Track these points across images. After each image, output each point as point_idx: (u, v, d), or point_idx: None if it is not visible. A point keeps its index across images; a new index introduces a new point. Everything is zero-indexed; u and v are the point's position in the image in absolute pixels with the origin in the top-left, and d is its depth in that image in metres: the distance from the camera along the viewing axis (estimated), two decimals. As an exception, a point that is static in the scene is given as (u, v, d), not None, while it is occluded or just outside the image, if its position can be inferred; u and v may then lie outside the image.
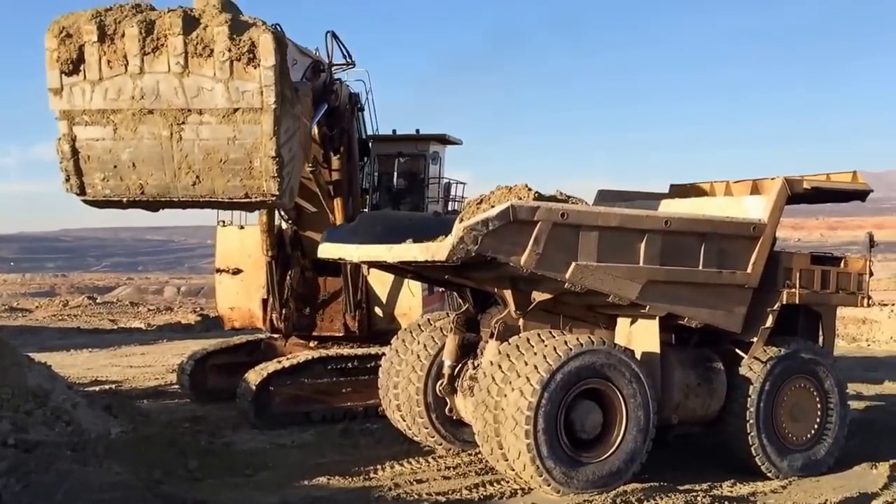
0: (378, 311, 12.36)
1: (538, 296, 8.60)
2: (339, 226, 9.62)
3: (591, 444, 8.29)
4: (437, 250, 7.73)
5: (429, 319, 10.08)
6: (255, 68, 8.01)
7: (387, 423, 10.35)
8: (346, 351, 11.98)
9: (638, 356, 8.61)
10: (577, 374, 8.09)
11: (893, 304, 27.95)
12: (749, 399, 8.99)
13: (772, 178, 9.21)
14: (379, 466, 9.14)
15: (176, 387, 13.66)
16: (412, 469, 9.17)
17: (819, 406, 9.41)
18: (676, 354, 9.07)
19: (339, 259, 9.68)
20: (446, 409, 9.51)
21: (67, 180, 8.36)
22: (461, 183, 16.88)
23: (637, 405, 8.33)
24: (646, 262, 8.31)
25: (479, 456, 9.10)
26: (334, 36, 11.45)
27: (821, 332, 9.83)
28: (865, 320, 25.53)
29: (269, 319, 12.43)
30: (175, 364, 14.78)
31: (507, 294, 8.71)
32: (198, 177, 8.25)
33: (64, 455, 7.82)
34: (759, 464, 9.06)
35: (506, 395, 8.00)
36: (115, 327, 25.47)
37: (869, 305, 10.02)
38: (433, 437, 9.68)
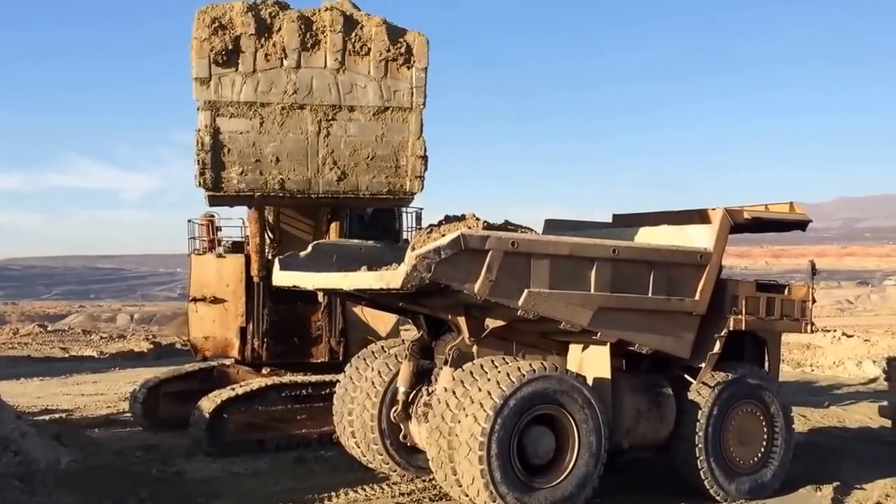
0: (358, 336, 12.37)
1: (491, 323, 8.71)
2: (292, 254, 9.68)
3: (544, 470, 8.36)
4: (391, 278, 7.82)
5: (383, 346, 10.14)
6: (408, 69, 8.37)
7: (341, 450, 10.35)
8: (300, 378, 11.94)
9: (590, 382, 8.74)
10: (530, 400, 8.18)
11: (836, 331, 28.58)
12: (697, 423, 9.15)
13: (712, 209, 9.44)
14: (333, 493, 9.13)
15: (128, 415, 13.52)
16: (366, 496, 9.19)
17: (765, 430, 9.60)
18: (627, 380, 9.22)
19: (294, 287, 9.71)
20: (401, 436, 9.55)
21: (202, 173, 8.30)
22: (419, 209, 16.94)
23: (589, 430, 8.44)
24: (597, 290, 8.46)
25: (434, 482, 9.14)
26: None
27: (766, 358, 10.03)
28: (809, 346, 26.07)
29: (249, 348, 12.24)
30: (127, 392, 14.64)
31: (461, 321, 8.81)
32: (343, 172, 8.44)
33: (12, 485, 7.73)
34: (708, 487, 9.20)
35: (460, 422, 8.07)
36: (67, 355, 25.05)
37: (812, 331, 10.25)
38: (387, 463, 9.70)
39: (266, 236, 11.88)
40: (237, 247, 12.90)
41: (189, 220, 13.51)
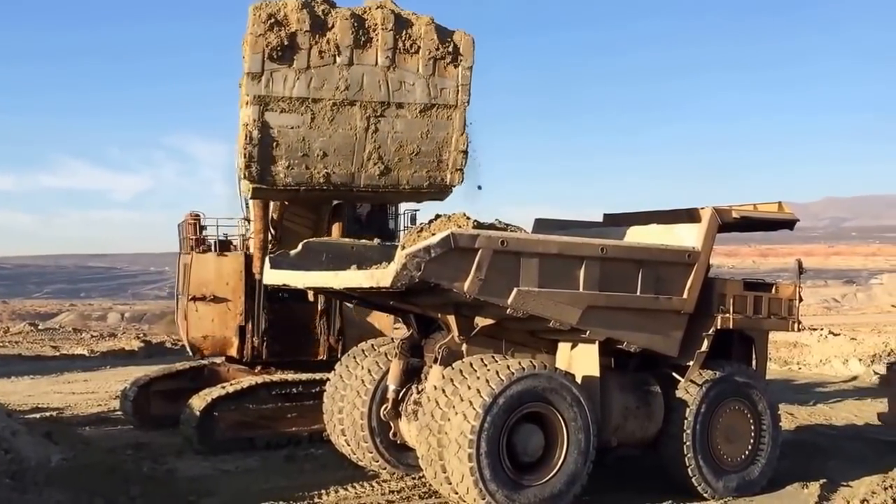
0: (355, 334, 12.39)
1: (481, 321, 8.75)
2: (283, 252, 9.71)
3: (533, 467, 8.41)
4: (381, 277, 7.85)
5: (373, 345, 10.17)
6: (455, 67, 8.57)
7: (331, 448, 10.38)
8: (290, 376, 11.97)
9: (578, 380, 8.79)
10: (520, 398, 8.23)
11: (823, 329, 28.74)
12: (686, 421, 9.21)
13: (701, 208, 9.51)
14: (323, 491, 9.17)
15: (119, 413, 13.53)
16: (356, 494, 9.22)
17: (752, 428, 9.67)
18: (616, 378, 9.28)
19: (284, 286, 9.74)
20: (390, 434, 9.58)
21: (248, 167, 8.37)
22: (415, 210, 16.96)
23: (578, 428, 8.49)
24: (586, 289, 8.51)
25: (423, 480, 9.18)
26: None
27: (754, 356, 10.10)
28: (796, 344, 26.22)
29: (248, 347, 12.25)
30: (118, 390, 14.63)
31: (451, 319, 8.85)
32: (386, 167, 8.62)
33: (3, 483, 7.75)
34: (696, 484, 9.27)
35: (449, 419, 8.11)
36: (58, 354, 25.01)
37: (799, 330, 10.34)
38: (377, 461, 9.74)
39: (269, 234, 11.93)
40: (223, 245, 12.89)
41: (191, 221, 13.51)
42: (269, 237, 11.97)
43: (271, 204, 11.62)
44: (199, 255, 12.63)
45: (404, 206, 14.52)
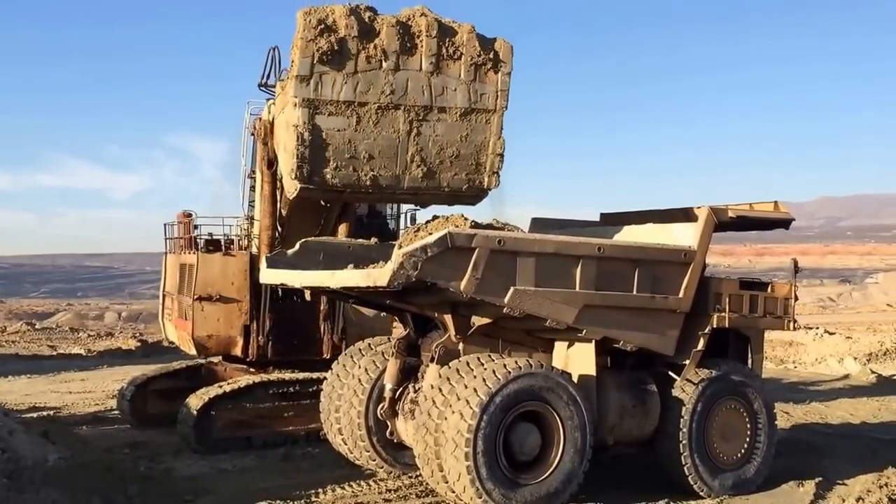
0: (356, 333, 12.40)
1: (477, 320, 8.78)
2: (280, 252, 9.72)
3: (530, 466, 8.44)
4: (378, 276, 7.87)
5: (370, 344, 10.19)
6: (495, 73, 8.88)
7: (328, 447, 10.40)
8: (287, 375, 11.98)
9: (575, 379, 8.82)
10: (516, 397, 8.26)
11: (818, 328, 28.79)
12: (682, 420, 9.24)
13: (697, 207, 9.53)
14: (320, 490, 9.18)
15: (116, 412, 13.53)
16: (353, 492, 9.24)
17: (748, 426, 9.70)
18: (612, 377, 9.30)
19: (282, 285, 9.76)
20: (387, 433, 9.60)
21: (300, 168, 8.52)
22: (415, 210, 16.95)
23: (574, 427, 8.51)
24: (582, 288, 8.54)
25: (420, 479, 9.21)
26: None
27: (750, 355, 10.12)
28: (792, 343, 26.24)
29: (254, 346, 12.24)
30: (115, 390, 14.63)
31: (447, 319, 8.87)
32: (429, 170, 8.86)
33: (0, 482, 7.74)
34: (692, 483, 9.30)
35: (446, 418, 8.14)
36: (55, 353, 24.97)
37: (795, 329, 10.35)
38: (374, 460, 9.76)
39: (276, 232, 11.95)
40: (215, 245, 12.88)
41: (183, 221, 13.51)
42: (276, 235, 12.02)
43: (280, 202, 11.74)
44: (205, 255, 12.57)
45: (405, 207, 14.59)
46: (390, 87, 8.69)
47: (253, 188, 13.51)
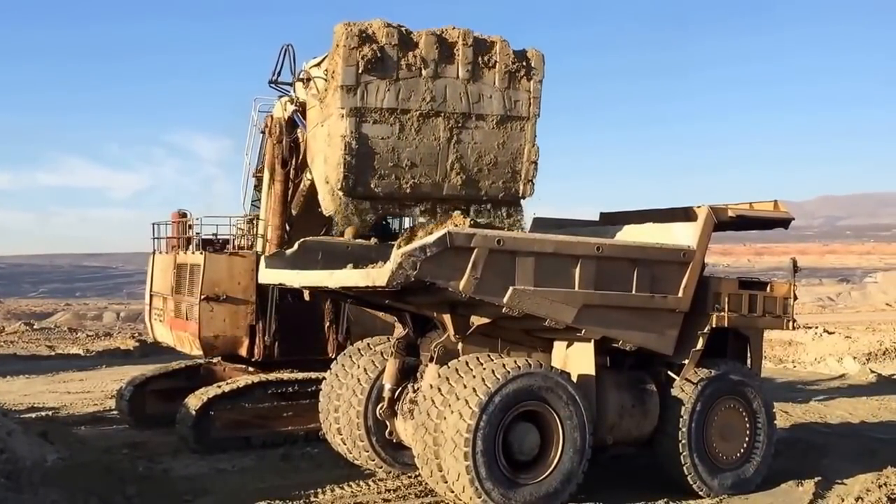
0: (358, 332, 12.39)
1: (477, 320, 8.77)
2: (278, 251, 9.70)
3: (529, 466, 8.44)
4: (377, 276, 7.86)
5: (369, 343, 10.19)
6: (528, 80, 9.09)
7: (327, 447, 10.40)
8: (286, 375, 11.97)
9: (574, 378, 8.82)
10: (515, 397, 8.26)
11: (817, 327, 28.81)
12: (681, 419, 9.24)
13: (697, 206, 9.53)
14: (319, 490, 9.18)
15: (114, 413, 13.51)
16: (353, 492, 9.23)
17: (748, 426, 9.70)
18: (611, 377, 9.30)
19: (280, 285, 9.75)
20: (386, 433, 9.60)
21: (346, 178, 8.55)
22: None
23: (573, 427, 8.51)
24: (581, 287, 8.53)
25: (419, 479, 9.20)
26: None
27: (749, 355, 10.12)
28: (791, 342, 26.25)
29: (260, 346, 12.21)
30: (114, 390, 14.62)
31: (447, 318, 8.87)
32: (468, 177, 8.96)
33: (-2, 483, 7.74)
34: (692, 483, 9.30)
35: (445, 418, 8.13)
36: (53, 353, 24.93)
37: (794, 328, 10.36)
38: (373, 460, 9.76)
39: (285, 231, 11.95)
40: (213, 244, 12.86)
41: (177, 220, 13.49)
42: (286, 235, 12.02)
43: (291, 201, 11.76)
44: (212, 255, 12.57)
45: None
46: (430, 94, 8.86)
47: (256, 187, 13.52)
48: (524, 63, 9.16)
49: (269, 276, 9.46)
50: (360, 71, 8.65)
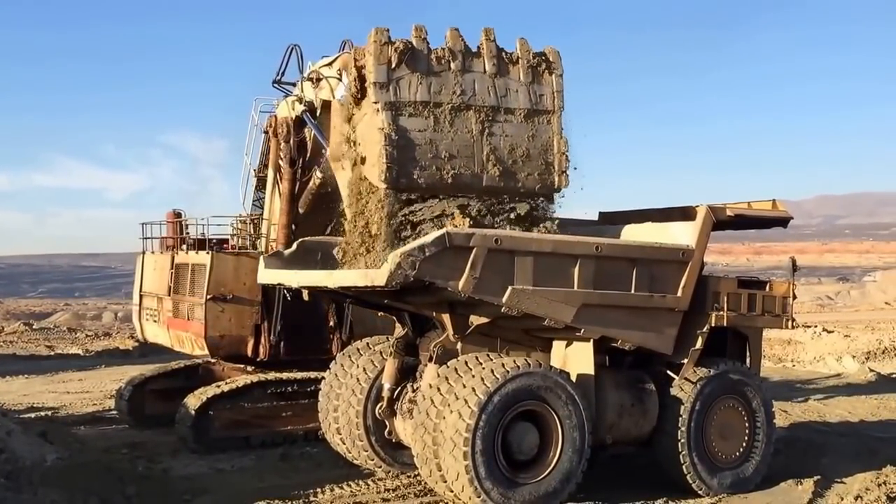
0: (362, 332, 12.38)
1: (476, 319, 8.78)
2: (277, 252, 9.69)
3: (528, 465, 8.45)
4: (376, 276, 7.86)
5: (368, 343, 10.18)
6: (549, 75, 9.31)
7: (326, 447, 10.40)
8: (285, 375, 11.97)
9: (573, 378, 8.82)
10: (514, 396, 8.26)
11: (816, 326, 28.78)
12: (680, 419, 9.24)
13: (696, 206, 9.53)
14: (319, 490, 9.19)
15: (114, 413, 13.52)
16: (352, 492, 9.24)
17: (747, 425, 9.70)
18: (610, 376, 9.30)
19: (279, 285, 9.74)
20: (385, 432, 9.60)
21: (389, 170, 8.64)
22: None
23: (573, 426, 8.51)
24: (580, 287, 8.53)
25: (419, 478, 9.20)
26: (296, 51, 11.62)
27: (748, 354, 10.14)
28: (790, 341, 26.21)
29: (265, 346, 12.23)
30: (113, 390, 14.62)
31: (446, 318, 8.87)
32: (504, 169, 9.05)
33: (-2, 483, 7.74)
34: (691, 482, 9.30)
35: (444, 418, 8.14)
36: (52, 353, 24.93)
37: (793, 327, 10.36)
38: (373, 459, 9.76)
39: (292, 230, 11.95)
40: (201, 245, 12.84)
41: (172, 220, 13.48)
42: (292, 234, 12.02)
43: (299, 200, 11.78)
44: (218, 255, 12.54)
45: None
46: (460, 88, 9.01)
47: (258, 187, 13.52)
48: (543, 58, 9.37)
49: (268, 275, 9.46)
50: (391, 67, 8.81)
